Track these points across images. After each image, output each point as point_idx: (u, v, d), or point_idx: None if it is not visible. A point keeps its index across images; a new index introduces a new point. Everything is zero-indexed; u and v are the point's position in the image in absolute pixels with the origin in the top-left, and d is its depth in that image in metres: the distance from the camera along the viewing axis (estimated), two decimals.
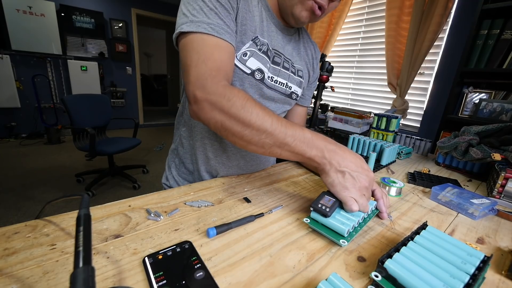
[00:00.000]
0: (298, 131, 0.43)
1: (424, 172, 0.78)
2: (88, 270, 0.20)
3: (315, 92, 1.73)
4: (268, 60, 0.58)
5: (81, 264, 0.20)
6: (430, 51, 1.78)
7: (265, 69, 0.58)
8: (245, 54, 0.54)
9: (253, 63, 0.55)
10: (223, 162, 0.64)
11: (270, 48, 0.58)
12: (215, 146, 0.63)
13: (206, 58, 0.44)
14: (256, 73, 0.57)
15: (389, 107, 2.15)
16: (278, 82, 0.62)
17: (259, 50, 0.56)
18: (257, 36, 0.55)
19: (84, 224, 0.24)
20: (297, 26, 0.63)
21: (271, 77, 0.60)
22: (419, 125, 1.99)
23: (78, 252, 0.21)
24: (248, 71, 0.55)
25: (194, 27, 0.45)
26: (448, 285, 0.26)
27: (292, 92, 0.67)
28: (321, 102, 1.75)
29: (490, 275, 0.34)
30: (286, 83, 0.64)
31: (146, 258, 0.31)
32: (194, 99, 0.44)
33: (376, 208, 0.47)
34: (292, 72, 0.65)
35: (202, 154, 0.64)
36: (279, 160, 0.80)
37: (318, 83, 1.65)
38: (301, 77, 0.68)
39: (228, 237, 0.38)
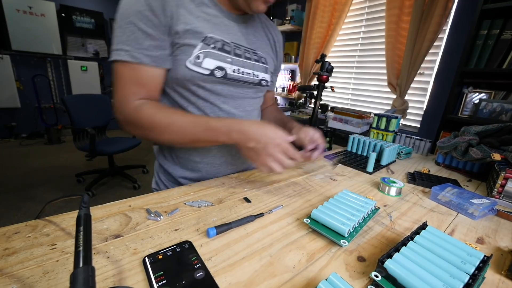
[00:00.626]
0: (202, 122, 0.51)
1: (424, 172, 0.78)
2: (88, 270, 0.20)
3: (315, 92, 1.73)
4: (228, 55, 0.57)
5: (81, 264, 0.20)
6: (430, 51, 1.78)
7: (226, 65, 0.57)
8: (198, 57, 0.53)
9: (209, 63, 0.55)
10: (210, 162, 0.64)
11: (228, 42, 0.58)
12: (199, 149, 0.63)
13: (124, 84, 0.51)
14: (216, 71, 0.56)
15: (389, 107, 2.15)
16: (244, 73, 0.62)
17: (213, 48, 0.55)
18: (207, 36, 0.54)
19: (84, 224, 0.24)
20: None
21: (237, 69, 0.60)
22: (419, 125, 1.99)
23: (78, 252, 0.21)
24: (207, 72, 0.55)
25: (117, 56, 0.49)
26: (448, 285, 0.26)
27: (261, 79, 0.67)
28: (321, 102, 1.75)
29: (490, 275, 0.34)
30: (253, 72, 0.64)
31: (146, 258, 0.31)
32: (118, 121, 0.54)
33: (376, 208, 0.47)
34: (255, 60, 0.65)
35: (189, 160, 0.64)
36: None
37: (318, 83, 1.64)
38: (264, 63, 0.68)
39: (228, 237, 0.38)
